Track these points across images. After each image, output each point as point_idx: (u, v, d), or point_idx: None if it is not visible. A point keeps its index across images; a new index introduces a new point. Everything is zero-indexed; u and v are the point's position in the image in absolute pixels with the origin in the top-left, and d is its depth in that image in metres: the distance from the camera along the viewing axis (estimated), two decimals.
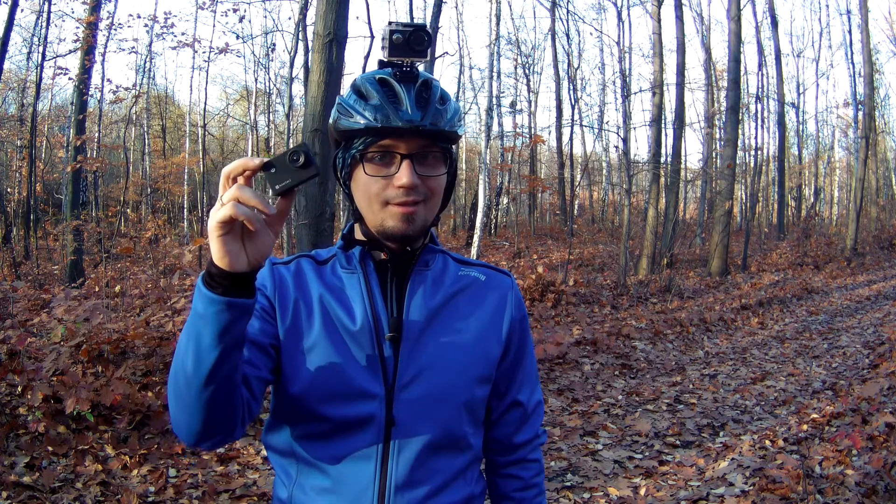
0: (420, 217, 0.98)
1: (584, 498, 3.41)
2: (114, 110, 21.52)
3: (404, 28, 0.98)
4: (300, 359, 0.99)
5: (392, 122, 0.95)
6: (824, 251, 17.14)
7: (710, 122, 19.81)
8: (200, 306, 0.82)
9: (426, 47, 0.99)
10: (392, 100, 0.97)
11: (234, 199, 0.77)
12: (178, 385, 0.86)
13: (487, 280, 1.12)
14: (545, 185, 19.77)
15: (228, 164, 0.81)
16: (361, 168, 0.98)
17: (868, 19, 17.85)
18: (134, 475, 3.33)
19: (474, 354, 1.05)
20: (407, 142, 0.96)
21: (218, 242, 0.78)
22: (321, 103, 4.93)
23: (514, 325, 1.12)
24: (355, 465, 0.99)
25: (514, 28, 30.26)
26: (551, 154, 27.42)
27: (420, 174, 0.97)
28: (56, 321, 4.37)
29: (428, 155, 0.98)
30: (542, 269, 9.14)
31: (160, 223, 14.82)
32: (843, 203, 30.44)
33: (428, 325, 1.03)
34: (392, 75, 0.99)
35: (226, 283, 0.80)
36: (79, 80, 10.95)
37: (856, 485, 3.15)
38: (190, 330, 0.84)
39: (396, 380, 0.99)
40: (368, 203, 0.99)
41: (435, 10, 10.80)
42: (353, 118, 0.97)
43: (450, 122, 0.99)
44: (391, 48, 0.99)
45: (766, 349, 7.32)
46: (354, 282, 1.03)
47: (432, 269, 1.07)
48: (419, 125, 0.95)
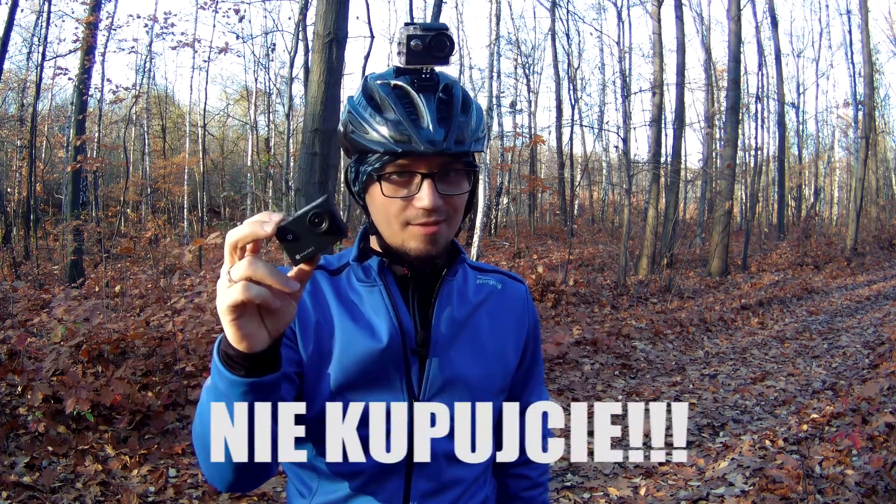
0: (443, 237, 0.94)
1: (584, 498, 3.41)
2: (114, 110, 21.53)
3: (424, 32, 0.87)
4: (324, 382, 0.95)
5: (413, 146, 0.87)
6: (824, 251, 17.14)
7: (710, 122, 19.80)
8: (222, 386, 0.74)
9: (449, 52, 0.89)
10: (412, 116, 0.89)
11: (246, 278, 0.66)
12: (205, 447, 0.80)
13: (504, 289, 1.10)
14: (545, 185, 19.78)
15: (234, 230, 0.67)
16: (378, 186, 0.91)
17: (868, 19, 17.85)
18: (134, 475, 3.33)
19: (496, 366, 1.04)
20: (428, 161, 0.89)
21: (231, 327, 0.68)
22: (321, 103, 4.93)
23: (529, 333, 1.11)
24: (380, 480, 0.97)
25: (514, 28, 30.29)
26: (551, 154, 27.42)
27: (442, 193, 0.90)
28: (56, 321, 4.36)
29: (450, 172, 0.91)
30: (542, 269, 9.14)
31: (160, 223, 14.82)
32: (843, 203, 30.43)
33: (454, 339, 1.00)
34: (410, 83, 0.91)
35: (247, 365, 0.72)
36: (79, 80, 10.95)
37: (856, 485, 3.15)
38: (213, 401, 0.77)
39: (422, 395, 0.97)
40: (387, 222, 0.93)
41: (435, 10, 10.81)
42: (368, 134, 0.90)
43: (474, 135, 0.93)
44: (409, 54, 0.88)
45: (766, 349, 7.32)
46: (376, 295, 0.98)
47: (457, 280, 1.04)
48: (442, 149, 0.88)
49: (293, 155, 13.44)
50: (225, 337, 0.72)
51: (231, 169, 25.58)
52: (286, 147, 14.56)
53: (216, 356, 0.74)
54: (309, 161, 5.01)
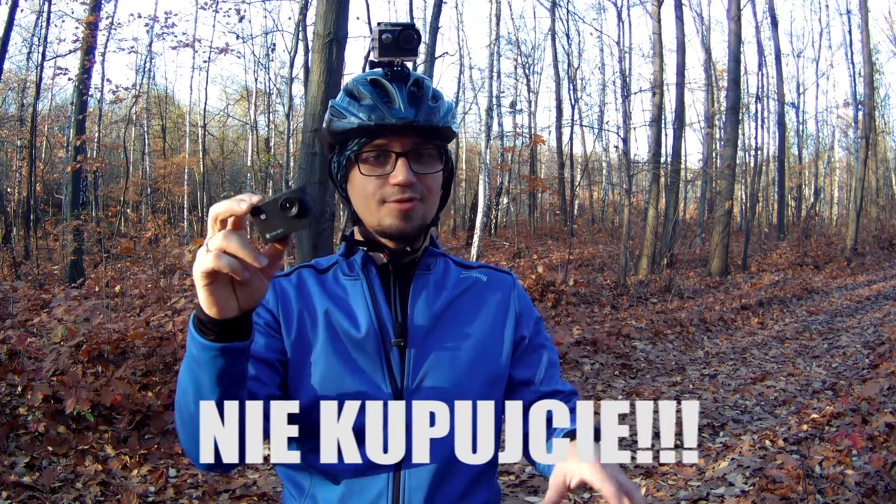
0: (418, 214, 0.99)
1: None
2: (114, 110, 21.54)
3: (393, 27, 0.99)
4: (307, 371, 0.98)
5: (385, 120, 0.95)
6: (824, 251, 17.14)
7: (710, 122, 19.80)
8: (194, 350, 0.79)
9: (415, 45, 1.00)
10: (385, 99, 0.97)
11: (219, 249, 0.71)
12: (183, 419, 0.86)
13: (489, 280, 1.11)
14: (545, 185, 19.77)
15: (217, 204, 0.75)
16: (357, 169, 0.99)
17: (868, 19, 17.87)
18: (134, 475, 3.33)
19: (480, 355, 1.04)
20: (401, 140, 0.97)
21: (204, 292, 0.74)
22: (321, 103, 4.93)
23: (519, 320, 1.10)
24: (370, 475, 0.97)
25: (514, 28, 30.25)
26: (551, 154, 27.41)
27: (416, 171, 0.98)
28: (56, 321, 4.37)
29: (423, 153, 0.99)
30: (542, 269, 9.14)
31: (160, 223, 14.81)
32: (843, 203, 30.43)
33: (432, 329, 1.02)
34: (384, 75, 1.00)
35: (217, 330, 0.78)
36: (79, 80, 10.96)
37: (856, 485, 3.15)
38: (188, 371, 0.82)
39: (404, 386, 0.98)
40: (365, 202, 0.99)
41: (435, 10, 10.83)
42: (346, 119, 0.98)
43: (443, 119, 1.00)
44: (381, 48, 0.99)
45: (766, 349, 7.32)
46: (358, 288, 1.03)
47: (434, 273, 1.07)
48: (413, 121, 0.96)
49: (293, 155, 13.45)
50: (199, 305, 0.77)
51: (231, 169, 25.57)
52: (286, 147, 14.58)
53: (191, 323, 0.80)
54: (309, 161, 5.01)
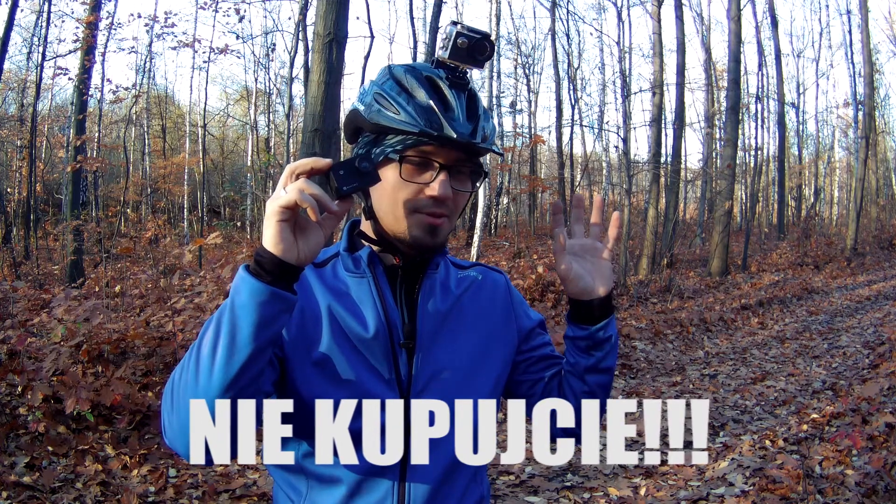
0: (445, 230, 0.97)
1: (584, 498, 3.41)
2: (114, 110, 21.54)
3: (470, 34, 0.93)
4: (309, 370, 0.94)
5: (446, 132, 0.91)
6: (824, 251, 17.13)
7: (710, 122, 19.80)
8: (245, 294, 0.77)
9: (487, 58, 0.95)
10: (442, 106, 0.92)
11: (300, 189, 0.77)
12: (186, 389, 0.80)
13: (484, 279, 1.12)
14: (545, 185, 19.72)
15: (293, 163, 0.81)
16: (396, 169, 0.93)
17: (868, 19, 17.85)
18: (134, 475, 3.33)
19: (485, 355, 1.05)
20: (447, 152, 0.93)
21: (275, 228, 0.77)
22: (321, 103, 4.93)
23: (516, 315, 1.12)
24: (372, 479, 0.95)
25: (514, 28, 30.20)
26: (551, 154, 27.40)
27: (453, 188, 0.94)
28: (56, 321, 4.37)
29: (462, 169, 0.96)
30: (542, 269, 9.13)
31: (160, 223, 14.83)
32: (843, 203, 30.42)
33: (439, 331, 1.01)
34: (444, 78, 0.95)
35: (275, 272, 0.78)
36: (79, 80, 10.95)
37: (856, 485, 3.14)
38: (221, 324, 0.78)
39: (411, 387, 0.97)
40: (393, 207, 0.94)
41: (435, 10, 10.82)
42: (399, 115, 0.92)
43: (491, 140, 0.97)
44: (453, 50, 0.93)
45: (766, 349, 7.32)
46: (364, 287, 0.99)
47: (439, 273, 1.05)
48: (470, 139, 0.92)
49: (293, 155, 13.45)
50: (261, 246, 0.79)
51: (231, 169, 25.58)
52: (286, 147, 14.58)
53: (243, 272, 0.79)
54: None
